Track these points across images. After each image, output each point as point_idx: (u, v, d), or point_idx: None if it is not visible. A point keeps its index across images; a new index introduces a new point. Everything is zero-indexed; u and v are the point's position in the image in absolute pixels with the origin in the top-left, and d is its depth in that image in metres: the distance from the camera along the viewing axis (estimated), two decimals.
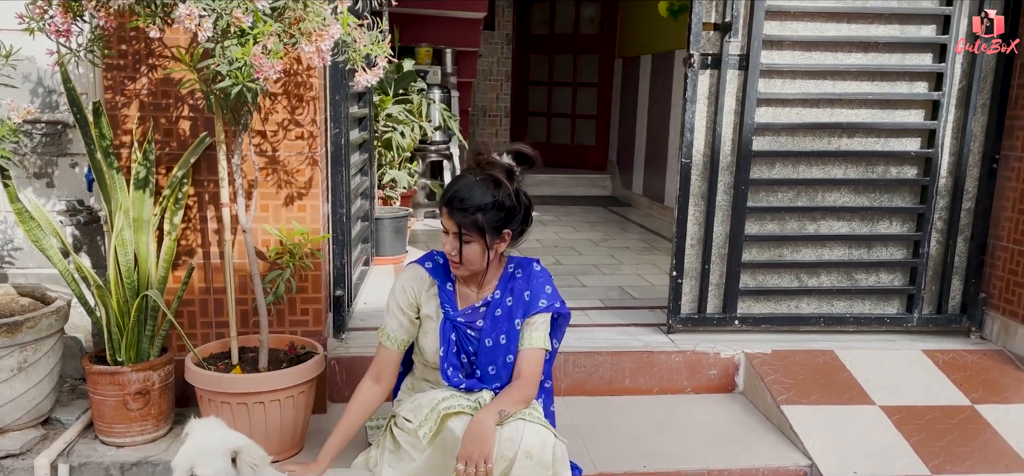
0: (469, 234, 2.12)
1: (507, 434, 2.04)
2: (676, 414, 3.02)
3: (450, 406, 2.10)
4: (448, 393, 2.17)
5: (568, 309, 2.29)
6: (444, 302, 2.26)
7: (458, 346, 2.25)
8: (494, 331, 2.22)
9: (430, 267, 2.30)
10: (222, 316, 2.81)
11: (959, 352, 3.27)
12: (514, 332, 2.22)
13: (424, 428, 2.08)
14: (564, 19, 8.58)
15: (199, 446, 1.91)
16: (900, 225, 3.40)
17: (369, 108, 4.20)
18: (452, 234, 2.15)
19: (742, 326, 3.37)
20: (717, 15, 3.16)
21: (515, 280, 2.26)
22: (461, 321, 2.24)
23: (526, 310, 2.22)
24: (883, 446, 2.73)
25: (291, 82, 2.69)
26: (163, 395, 2.61)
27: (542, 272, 2.30)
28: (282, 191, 2.78)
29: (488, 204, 2.11)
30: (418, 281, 2.30)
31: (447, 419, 2.08)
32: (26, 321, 2.45)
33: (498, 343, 2.22)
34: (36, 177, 2.90)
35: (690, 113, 3.19)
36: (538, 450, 2.03)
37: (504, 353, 2.21)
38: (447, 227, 2.16)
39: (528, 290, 2.24)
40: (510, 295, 2.24)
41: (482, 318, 2.25)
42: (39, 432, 2.60)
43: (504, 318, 2.23)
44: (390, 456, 2.24)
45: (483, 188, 2.12)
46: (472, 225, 2.11)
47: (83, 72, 2.77)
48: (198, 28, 1.98)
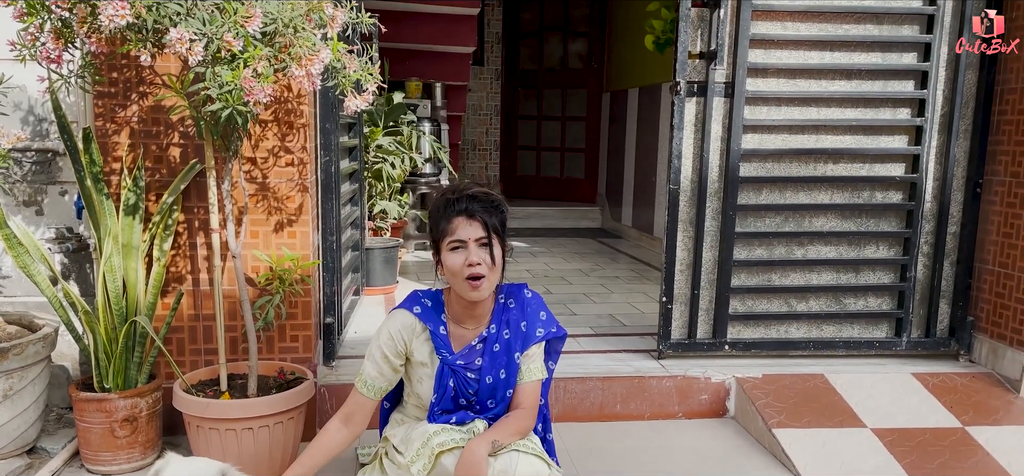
0: (495, 235, 2.04)
1: (500, 466, 1.99)
2: (667, 438, 3.01)
3: (443, 442, 2.03)
4: (438, 427, 2.10)
5: (564, 330, 2.25)
6: (439, 347, 2.15)
7: (456, 390, 2.16)
8: (494, 367, 2.15)
9: (419, 312, 2.17)
10: (211, 343, 2.79)
11: (949, 375, 3.29)
12: (514, 366, 2.15)
13: (417, 465, 2.02)
14: (552, 54, 8.68)
15: (187, 470, 1.89)
16: (887, 249, 3.43)
17: (359, 139, 4.23)
18: (474, 242, 2.02)
19: (732, 351, 3.37)
20: (702, 44, 3.21)
21: (509, 311, 2.19)
22: (460, 365, 2.15)
23: (524, 342, 2.16)
24: (875, 468, 2.72)
25: (281, 109, 2.71)
26: (150, 423, 2.58)
27: (534, 298, 2.24)
28: (272, 218, 2.78)
29: (498, 207, 2.08)
30: (408, 329, 2.16)
31: (441, 456, 2.02)
32: (12, 348, 2.43)
33: (498, 378, 2.15)
34: (25, 205, 2.89)
35: (677, 140, 3.22)
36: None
37: (504, 387, 2.15)
38: (467, 236, 2.02)
39: (524, 320, 2.18)
40: (506, 327, 2.17)
41: (480, 356, 2.17)
42: (24, 461, 2.56)
43: (503, 352, 2.15)
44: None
45: (484, 197, 2.07)
46: (494, 226, 2.04)
47: (74, 100, 2.79)
48: (189, 52, 2.00)
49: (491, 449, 2.00)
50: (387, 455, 2.21)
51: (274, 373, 2.72)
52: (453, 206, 2.05)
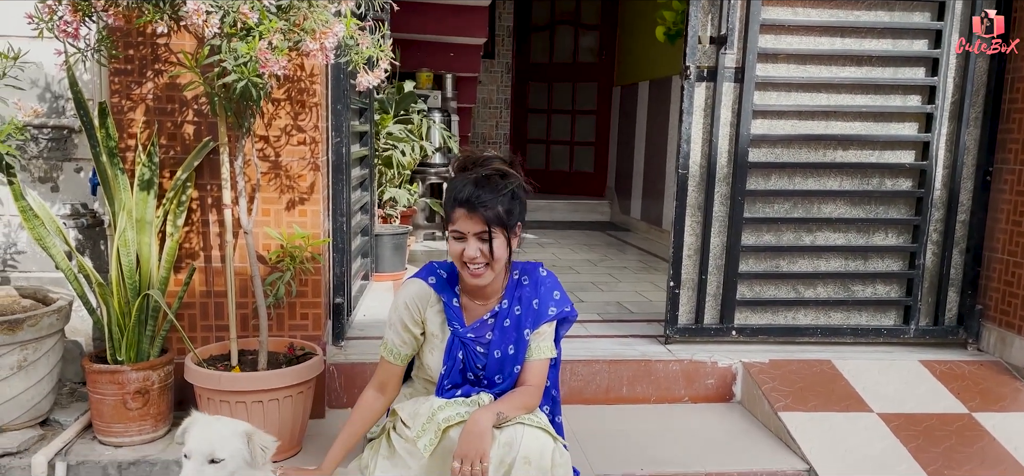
0: (495, 230, 2.05)
1: (505, 438, 2.01)
2: (674, 421, 3.03)
3: (449, 417, 2.05)
4: (444, 402, 2.13)
5: (576, 311, 2.28)
6: (451, 319, 2.19)
7: (464, 363, 2.19)
8: (503, 342, 2.18)
9: (434, 282, 2.22)
10: (222, 319, 2.82)
11: (956, 362, 3.29)
12: (523, 342, 2.17)
13: (423, 440, 2.04)
14: (563, 48, 8.69)
15: (213, 431, 1.92)
16: (896, 237, 3.43)
17: (370, 125, 4.25)
18: (474, 235, 2.06)
19: (739, 337, 3.38)
20: (713, 28, 3.21)
21: (522, 288, 2.21)
22: (470, 338, 2.19)
23: (536, 320, 2.19)
24: (881, 452, 2.73)
25: (294, 88, 2.73)
26: (162, 395, 2.61)
27: (549, 277, 2.26)
28: (284, 196, 2.81)
29: (507, 195, 2.06)
30: (422, 298, 2.22)
31: (448, 431, 2.04)
32: (27, 319, 2.47)
33: (506, 354, 2.17)
34: (41, 181, 2.93)
35: (687, 124, 3.23)
36: (537, 456, 1.99)
37: (512, 363, 2.17)
38: (465, 229, 2.06)
39: (536, 298, 2.20)
40: (518, 304, 2.20)
41: (491, 330, 2.20)
42: (37, 432, 2.60)
43: (513, 328, 2.18)
44: (383, 461, 2.21)
45: (495, 179, 2.06)
46: (496, 219, 2.04)
47: (89, 79, 2.82)
48: (205, 24, 2.03)
49: (496, 421, 2.02)
50: (395, 429, 2.24)
51: (284, 349, 2.75)
52: (457, 195, 2.06)
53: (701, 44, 3.21)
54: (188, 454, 1.88)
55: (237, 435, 1.91)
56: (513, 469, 1.98)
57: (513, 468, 1.98)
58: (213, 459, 1.87)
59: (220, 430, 1.92)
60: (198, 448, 1.87)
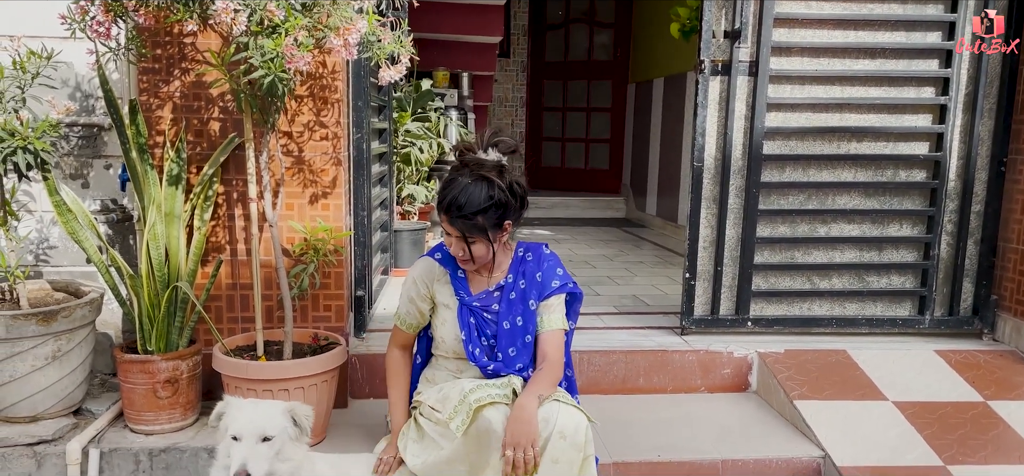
0: (472, 235, 2.19)
1: (542, 414, 2.09)
2: (690, 411, 3.07)
3: (481, 397, 2.11)
4: (475, 383, 2.20)
5: (581, 290, 2.38)
6: (458, 289, 2.34)
7: (478, 330, 2.32)
8: (510, 313, 2.29)
9: (440, 258, 2.38)
10: (247, 311, 2.90)
11: (971, 352, 3.31)
12: (530, 313, 2.29)
13: (456, 420, 2.09)
14: (578, 46, 8.73)
15: (260, 411, 2.00)
16: (910, 228, 3.45)
17: (389, 123, 4.32)
18: (456, 237, 2.22)
19: (755, 328, 3.42)
20: (727, 23, 3.25)
21: (526, 263, 2.35)
22: (477, 306, 2.32)
23: (540, 291, 2.30)
24: (896, 438, 2.76)
25: (317, 85, 2.80)
26: (191, 385, 2.69)
27: (552, 255, 2.39)
28: (307, 190, 2.88)
29: (487, 205, 2.16)
30: (429, 272, 2.38)
31: (480, 410, 2.09)
32: (61, 311, 2.55)
33: (515, 325, 2.29)
34: (72, 178, 3.02)
35: (701, 118, 3.27)
36: (572, 431, 2.08)
37: (522, 334, 2.29)
38: (449, 230, 2.22)
39: (540, 271, 2.32)
40: (522, 278, 2.32)
41: (497, 302, 2.32)
42: (71, 420, 2.68)
43: (519, 300, 2.30)
44: (413, 444, 2.28)
45: (478, 189, 2.16)
46: (474, 228, 2.18)
47: (118, 78, 2.90)
48: (233, 22, 2.10)
49: (538, 403, 2.10)
50: (421, 414, 2.31)
51: (308, 340, 2.82)
52: (442, 199, 2.21)
53: (715, 38, 3.25)
54: (238, 435, 1.95)
55: (281, 413, 2.00)
56: (549, 443, 2.06)
57: (549, 442, 2.06)
58: (265, 437, 1.94)
59: (265, 410, 2.00)
60: (248, 429, 1.94)
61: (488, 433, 2.07)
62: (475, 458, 2.12)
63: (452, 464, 2.15)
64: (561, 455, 2.06)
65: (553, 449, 2.06)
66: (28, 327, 2.49)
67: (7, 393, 2.57)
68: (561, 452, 2.06)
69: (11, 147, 2.39)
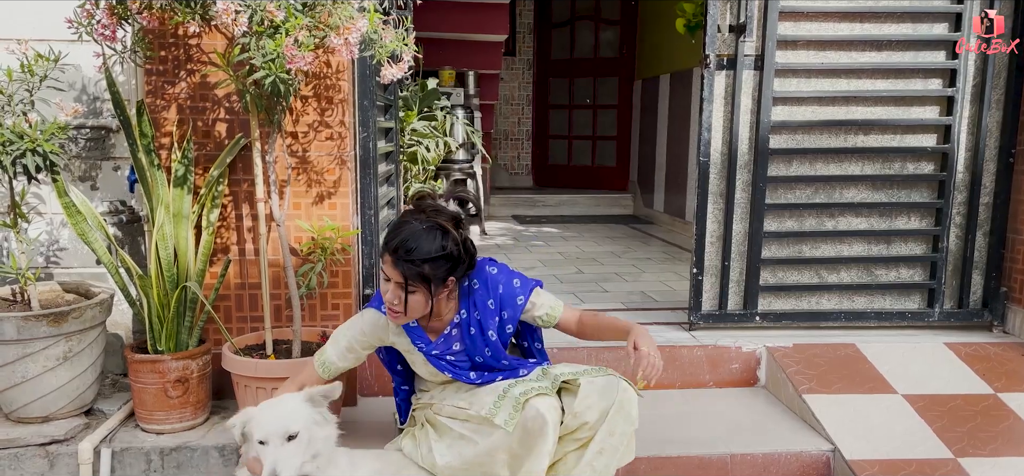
0: (414, 284, 2.08)
1: (604, 384, 2.15)
2: (698, 405, 3.07)
3: (525, 391, 2.11)
4: (510, 381, 2.22)
5: (538, 281, 2.38)
6: (415, 340, 2.30)
7: (454, 365, 2.32)
8: (476, 349, 2.28)
9: (387, 311, 2.24)
10: (256, 311, 2.91)
11: (981, 344, 3.29)
12: (492, 342, 2.26)
13: (501, 415, 2.08)
14: (584, 44, 8.72)
15: (281, 410, 2.02)
16: (918, 220, 3.44)
17: (395, 122, 4.32)
18: (395, 283, 2.10)
19: (763, 322, 3.41)
20: (732, 17, 3.25)
21: (474, 293, 2.28)
22: (436, 354, 2.30)
23: (498, 316, 2.27)
24: (905, 431, 2.75)
25: (321, 85, 2.81)
26: (201, 384, 2.71)
27: (499, 272, 2.32)
28: (313, 190, 2.89)
29: (436, 256, 2.08)
30: (379, 327, 2.31)
31: (528, 402, 2.09)
32: (72, 311, 2.57)
33: (493, 349, 2.28)
34: (81, 180, 3.04)
35: (707, 113, 3.27)
36: (628, 405, 2.15)
37: (499, 355, 2.29)
38: (390, 275, 2.11)
39: (490, 297, 2.28)
40: (475, 309, 2.28)
41: (458, 341, 2.31)
42: (82, 420, 2.70)
43: (479, 334, 2.27)
44: (437, 444, 2.26)
45: (430, 237, 2.08)
46: (418, 277, 2.07)
47: (124, 80, 2.92)
48: (234, 23, 2.11)
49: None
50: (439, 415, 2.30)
51: (317, 338, 2.83)
52: (388, 240, 2.12)
53: (720, 33, 3.25)
54: (264, 440, 1.96)
55: (300, 403, 2.01)
56: (609, 414, 2.12)
57: (609, 413, 2.12)
58: (290, 436, 1.95)
59: (286, 407, 2.02)
60: (273, 430, 1.96)
61: (538, 422, 2.07)
62: (519, 449, 2.11)
63: (492, 455, 2.14)
64: (617, 427, 2.12)
65: (611, 420, 2.11)
66: (39, 328, 2.52)
67: (19, 394, 2.59)
68: (617, 424, 2.12)
69: (20, 150, 2.41)
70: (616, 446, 2.14)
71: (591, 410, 2.12)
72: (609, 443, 2.13)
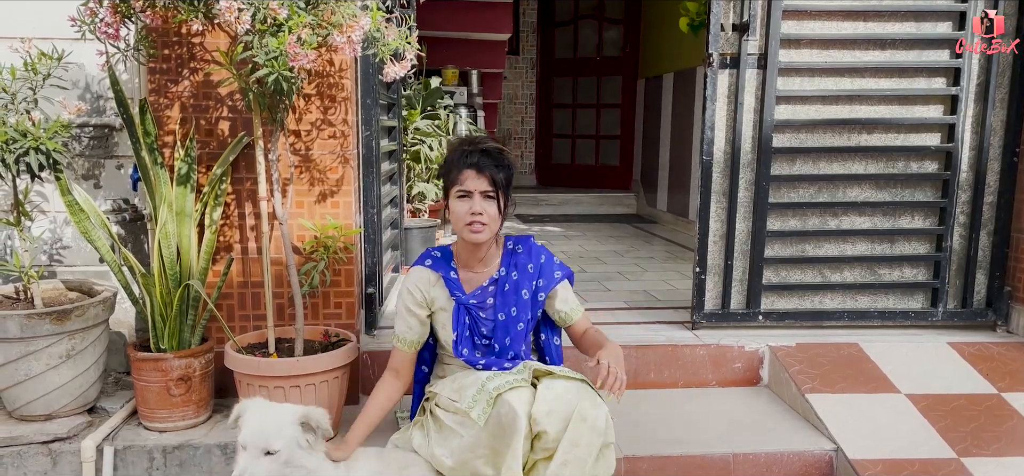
0: (495, 191, 2.23)
1: (565, 391, 2.09)
2: (701, 404, 3.06)
3: (499, 385, 2.12)
4: (491, 373, 2.23)
5: (571, 270, 2.48)
6: (453, 290, 2.37)
7: (471, 329, 2.36)
8: (505, 306, 2.35)
9: (431, 264, 2.40)
10: (258, 309, 2.91)
11: (985, 344, 3.28)
12: (523, 303, 2.34)
13: (476, 409, 2.11)
14: (587, 43, 8.72)
15: (268, 421, 2.00)
16: (922, 220, 3.43)
17: (398, 120, 4.33)
18: (479, 193, 2.22)
19: (766, 322, 3.40)
20: (735, 16, 3.24)
21: (516, 255, 2.40)
22: (473, 303, 2.36)
23: (535, 281, 2.36)
24: (909, 431, 2.75)
25: (324, 83, 2.81)
26: (203, 382, 2.71)
27: (542, 246, 2.46)
28: (315, 188, 2.89)
29: (506, 166, 2.27)
30: (424, 280, 2.40)
31: (500, 397, 2.10)
32: (75, 310, 2.58)
33: (510, 315, 2.34)
34: (84, 178, 3.04)
35: (710, 112, 3.26)
36: (593, 416, 2.06)
37: (515, 323, 2.34)
38: (474, 187, 2.22)
39: (531, 262, 2.38)
40: (515, 269, 2.37)
41: (491, 296, 2.37)
42: (85, 418, 2.71)
43: (512, 292, 2.35)
44: (436, 435, 2.28)
45: (497, 153, 2.25)
46: (504, 182, 2.24)
47: (127, 79, 2.92)
48: (237, 21, 2.11)
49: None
50: (437, 406, 2.33)
51: (319, 336, 2.84)
52: (465, 159, 2.24)
53: (724, 31, 3.24)
54: (244, 445, 1.95)
55: (291, 423, 1.98)
56: (570, 424, 2.05)
57: (570, 423, 2.05)
58: (268, 451, 1.94)
59: (274, 419, 1.99)
60: (253, 440, 1.95)
61: (510, 416, 2.06)
62: (496, 444, 2.11)
63: (474, 450, 2.16)
64: (581, 438, 2.06)
65: (573, 431, 2.05)
66: (42, 326, 2.52)
67: (22, 392, 2.59)
68: (581, 435, 2.06)
69: (24, 148, 2.42)
70: (583, 458, 2.05)
71: (550, 417, 2.05)
72: (574, 454, 2.05)
